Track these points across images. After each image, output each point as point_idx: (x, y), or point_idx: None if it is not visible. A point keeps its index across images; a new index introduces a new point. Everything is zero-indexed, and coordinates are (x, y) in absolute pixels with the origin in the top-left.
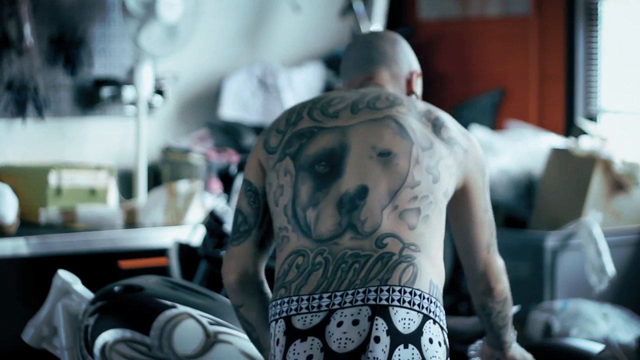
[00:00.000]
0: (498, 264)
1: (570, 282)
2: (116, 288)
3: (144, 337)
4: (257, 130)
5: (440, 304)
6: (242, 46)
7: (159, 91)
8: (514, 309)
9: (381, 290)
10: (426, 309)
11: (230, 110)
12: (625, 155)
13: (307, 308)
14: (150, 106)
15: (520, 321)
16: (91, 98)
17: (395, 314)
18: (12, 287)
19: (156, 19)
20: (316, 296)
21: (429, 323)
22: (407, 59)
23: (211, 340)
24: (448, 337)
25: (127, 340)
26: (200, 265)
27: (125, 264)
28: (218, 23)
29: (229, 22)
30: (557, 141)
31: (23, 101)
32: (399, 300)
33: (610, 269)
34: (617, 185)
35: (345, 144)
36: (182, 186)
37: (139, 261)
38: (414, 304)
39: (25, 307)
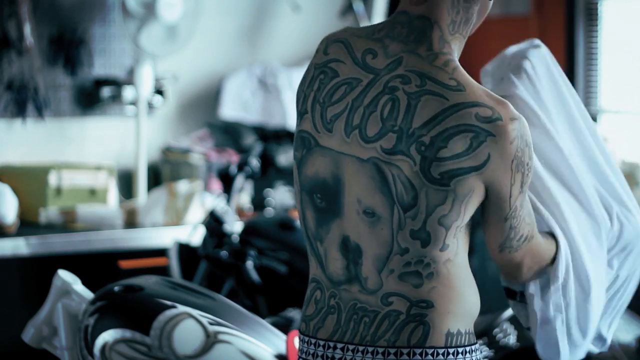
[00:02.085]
0: (514, 261)
1: None
2: (116, 288)
3: (144, 337)
4: (257, 130)
5: (465, 345)
6: (242, 46)
7: (159, 91)
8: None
9: (388, 354)
10: None
11: (230, 110)
12: (625, 155)
13: (322, 356)
14: (150, 106)
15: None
16: (91, 98)
17: None
18: (12, 287)
19: (156, 19)
20: (331, 344)
21: None
22: None
23: (211, 340)
24: None
25: (127, 340)
26: (200, 265)
27: (125, 264)
28: (218, 23)
29: (228, 22)
30: None
31: (23, 101)
32: None
33: None
34: None
35: (339, 178)
36: (182, 186)
37: (139, 261)
38: None
39: (25, 307)
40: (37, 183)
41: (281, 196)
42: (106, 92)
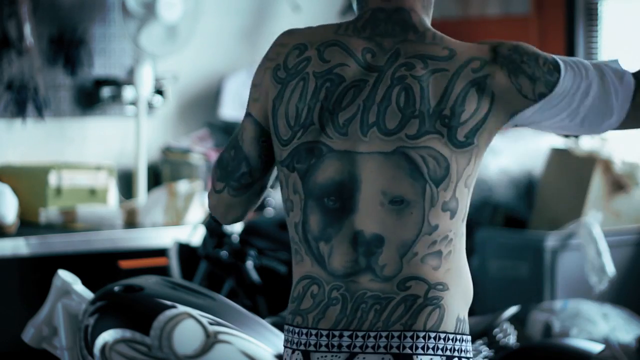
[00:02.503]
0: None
1: (570, 282)
2: (116, 288)
3: (144, 337)
4: None
5: (466, 334)
6: (242, 46)
7: (159, 91)
8: (514, 308)
9: (404, 337)
10: (450, 349)
11: (230, 110)
12: (625, 155)
13: (326, 345)
14: (150, 106)
15: (520, 321)
16: (91, 98)
17: None
18: (12, 287)
19: (156, 19)
20: (336, 333)
21: None
22: None
23: (211, 340)
24: None
25: (127, 340)
26: (200, 265)
27: (125, 264)
28: (218, 23)
29: (229, 22)
30: (557, 141)
31: (23, 101)
32: (422, 348)
33: (610, 269)
34: (617, 185)
35: (356, 177)
36: (182, 186)
37: (139, 261)
38: (437, 349)
39: (25, 307)
40: (37, 183)
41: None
42: (106, 92)
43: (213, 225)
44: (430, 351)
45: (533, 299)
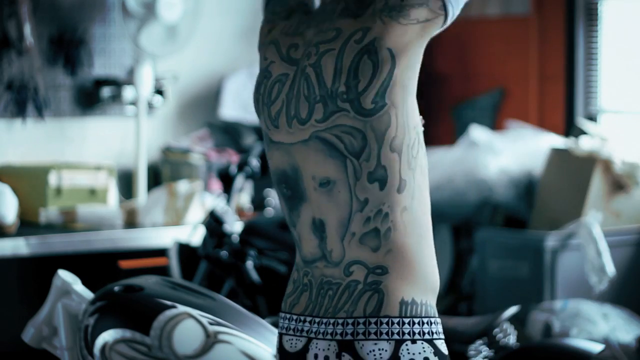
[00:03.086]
0: None
1: (570, 282)
2: (116, 288)
3: (144, 337)
4: (257, 130)
5: (422, 316)
6: (242, 46)
7: (159, 91)
8: (514, 308)
9: (347, 324)
10: (398, 333)
11: (230, 110)
12: (625, 155)
13: (293, 330)
14: (150, 106)
15: (520, 321)
16: (91, 98)
17: (361, 347)
18: (12, 287)
19: (156, 19)
20: (302, 318)
21: (406, 345)
22: None
23: (211, 340)
24: (448, 337)
25: (127, 340)
26: (200, 265)
27: (125, 264)
28: (218, 23)
29: (229, 22)
30: (557, 141)
31: (23, 101)
32: (363, 333)
33: (610, 269)
34: (617, 185)
35: (295, 167)
36: (182, 186)
37: (139, 261)
38: (380, 334)
39: (25, 307)
40: (37, 183)
41: None
42: (106, 92)
43: (213, 225)
44: (373, 336)
45: (533, 299)
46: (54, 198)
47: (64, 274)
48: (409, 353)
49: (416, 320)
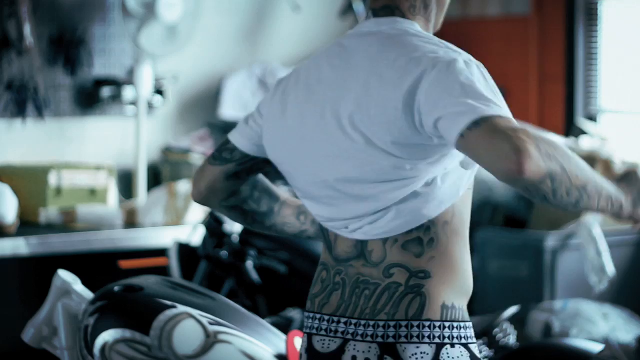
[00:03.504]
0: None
1: (570, 282)
2: (116, 288)
3: (144, 337)
4: None
5: (460, 321)
6: (242, 46)
7: (159, 91)
8: (514, 308)
9: (388, 327)
10: (439, 337)
11: (230, 110)
12: (625, 155)
13: (326, 330)
14: (150, 106)
15: (520, 321)
16: (91, 98)
17: (404, 351)
18: (12, 287)
19: (156, 19)
20: (335, 319)
21: (446, 349)
22: None
23: (211, 340)
24: None
25: (127, 340)
26: (200, 265)
27: (125, 264)
28: (218, 23)
29: (229, 22)
30: (557, 141)
31: (23, 101)
32: (406, 337)
33: (610, 269)
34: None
35: None
36: (182, 186)
37: (139, 261)
38: (423, 337)
39: (25, 307)
40: (37, 183)
41: None
42: (106, 92)
43: (213, 225)
44: (415, 339)
45: (533, 299)
46: (54, 198)
47: (64, 274)
48: (448, 357)
49: (455, 324)
